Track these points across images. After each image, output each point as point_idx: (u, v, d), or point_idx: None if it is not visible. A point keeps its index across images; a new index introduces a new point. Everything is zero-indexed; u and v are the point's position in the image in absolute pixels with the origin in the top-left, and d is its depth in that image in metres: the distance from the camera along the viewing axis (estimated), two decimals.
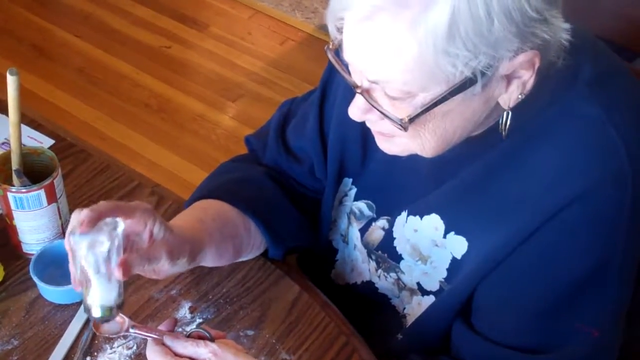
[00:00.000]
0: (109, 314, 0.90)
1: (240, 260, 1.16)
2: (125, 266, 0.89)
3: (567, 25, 0.85)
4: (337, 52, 0.88)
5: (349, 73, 0.89)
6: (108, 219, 0.91)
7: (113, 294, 0.91)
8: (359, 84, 0.88)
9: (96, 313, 0.90)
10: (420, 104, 0.85)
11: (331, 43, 0.88)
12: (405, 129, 0.87)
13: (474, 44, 0.80)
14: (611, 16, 1.24)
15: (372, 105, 0.88)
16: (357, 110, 0.90)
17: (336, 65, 0.89)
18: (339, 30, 0.86)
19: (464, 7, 0.78)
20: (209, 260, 1.06)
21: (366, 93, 0.88)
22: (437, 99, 0.84)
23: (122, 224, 0.91)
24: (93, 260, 0.89)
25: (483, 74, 0.83)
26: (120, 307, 0.91)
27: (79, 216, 0.89)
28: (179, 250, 0.97)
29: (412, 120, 0.86)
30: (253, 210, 1.13)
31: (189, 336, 0.93)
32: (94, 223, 0.89)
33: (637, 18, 1.44)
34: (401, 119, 0.86)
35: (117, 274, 0.88)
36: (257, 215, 1.13)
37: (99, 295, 0.90)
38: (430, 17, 0.79)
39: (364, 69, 0.86)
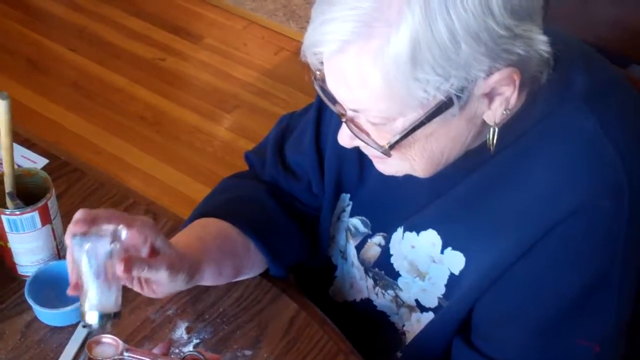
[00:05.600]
0: (106, 321, 0.90)
1: (241, 278, 1.15)
2: (127, 261, 0.90)
3: (544, 38, 0.84)
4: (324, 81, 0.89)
5: (335, 103, 0.90)
6: (110, 225, 0.92)
7: (111, 299, 0.91)
8: (343, 112, 0.89)
9: (92, 320, 0.90)
10: (400, 129, 0.86)
11: (318, 73, 0.88)
12: (387, 154, 0.89)
13: (442, 68, 0.80)
14: (606, 25, 1.24)
15: (354, 134, 0.89)
16: (345, 137, 0.92)
17: (322, 96, 0.91)
18: (321, 62, 0.86)
19: (425, 34, 0.78)
20: (208, 278, 1.06)
21: (350, 121, 0.89)
22: (414, 124, 0.85)
23: (124, 231, 0.93)
24: (94, 262, 0.90)
25: (458, 96, 0.83)
26: (117, 316, 0.91)
27: (75, 216, 0.92)
28: (179, 266, 0.98)
29: (392, 147, 0.87)
30: (253, 230, 1.13)
31: (183, 359, 0.93)
32: (88, 224, 0.91)
33: (632, 25, 1.44)
34: (382, 146, 0.88)
35: (119, 269, 0.89)
36: (257, 234, 1.13)
37: (97, 300, 0.90)
38: (392, 46, 0.79)
39: (342, 99, 0.88)
